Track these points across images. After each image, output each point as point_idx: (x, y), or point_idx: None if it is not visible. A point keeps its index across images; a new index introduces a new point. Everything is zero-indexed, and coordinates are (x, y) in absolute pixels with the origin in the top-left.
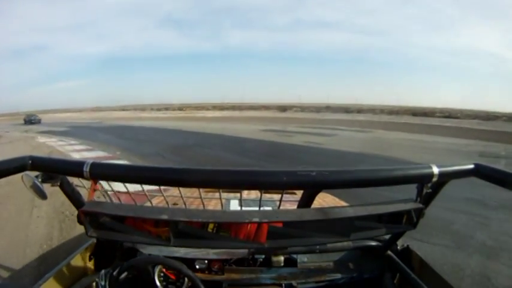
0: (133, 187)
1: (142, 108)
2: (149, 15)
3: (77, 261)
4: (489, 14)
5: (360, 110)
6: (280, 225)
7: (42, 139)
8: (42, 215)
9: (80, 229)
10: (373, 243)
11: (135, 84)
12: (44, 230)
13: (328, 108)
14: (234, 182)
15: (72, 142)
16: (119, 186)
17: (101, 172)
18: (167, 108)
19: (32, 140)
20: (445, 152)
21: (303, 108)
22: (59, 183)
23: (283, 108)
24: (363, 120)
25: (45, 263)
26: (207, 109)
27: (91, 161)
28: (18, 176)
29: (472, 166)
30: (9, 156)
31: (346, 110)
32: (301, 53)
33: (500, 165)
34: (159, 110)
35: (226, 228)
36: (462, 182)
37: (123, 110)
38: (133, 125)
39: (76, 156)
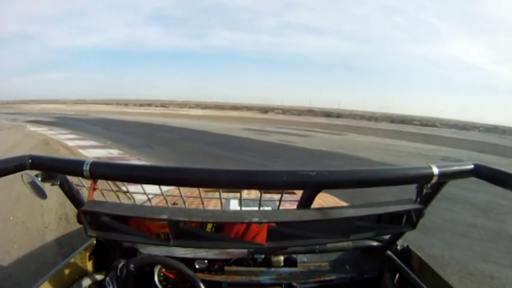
0: (134, 186)
1: (126, 103)
2: (137, 11)
3: (77, 261)
4: (472, 28)
5: (340, 114)
6: (280, 225)
7: (32, 128)
8: None
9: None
10: (373, 243)
11: (119, 79)
12: None
13: (310, 112)
14: (234, 181)
15: (63, 131)
16: (118, 185)
17: (100, 171)
18: (150, 104)
19: (23, 128)
20: (405, 155)
21: (284, 110)
22: (58, 183)
23: (264, 109)
24: (341, 124)
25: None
26: (190, 107)
27: (91, 160)
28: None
29: (471, 166)
30: (10, 140)
31: (327, 114)
32: (286, 56)
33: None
34: (141, 105)
35: (226, 228)
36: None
37: (107, 104)
38: (118, 118)
39: (70, 144)
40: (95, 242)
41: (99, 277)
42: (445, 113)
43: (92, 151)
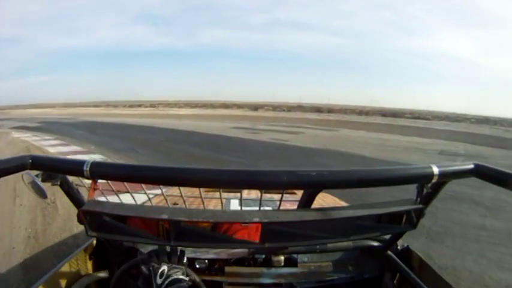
0: (134, 186)
1: (115, 104)
2: (125, 11)
3: (77, 260)
4: (460, 22)
5: (331, 110)
6: (281, 225)
7: (16, 134)
8: None
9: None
10: (373, 243)
11: (109, 80)
12: None
13: (300, 108)
14: (234, 181)
15: (47, 137)
16: (119, 185)
17: (101, 171)
18: (140, 105)
19: (7, 135)
20: (401, 150)
21: (274, 107)
22: (59, 183)
23: (255, 107)
24: (332, 119)
25: (45, 263)
26: (180, 107)
27: (91, 161)
28: None
29: (472, 166)
30: None
31: (317, 109)
32: (275, 53)
33: (460, 161)
34: (131, 106)
35: (226, 228)
36: None
37: (96, 106)
38: (106, 121)
39: (52, 151)
40: (95, 242)
41: (99, 277)
42: (435, 105)
43: (73, 158)
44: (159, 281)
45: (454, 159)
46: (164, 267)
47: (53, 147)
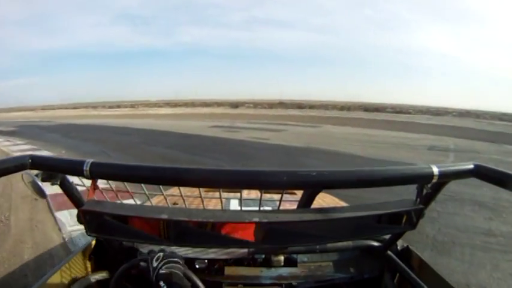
0: (134, 186)
1: (94, 106)
2: (103, 11)
3: (77, 260)
4: (440, 17)
5: (312, 106)
6: (280, 225)
7: None
8: None
9: None
10: (373, 243)
11: (89, 81)
12: None
13: (281, 104)
14: (234, 181)
15: (18, 142)
16: (119, 185)
17: (101, 171)
18: (119, 105)
19: None
20: (389, 146)
21: (255, 104)
22: (59, 182)
23: (235, 104)
24: (315, 115)
25: (45, 263)
26: (160, 106)
27: (91, 160)
28: None
29: (471, 167)
30: None
31: (299, 106)
32: (255, 50)
33: (451, 159)
34: (111, 107)
35: (226, 228)
36: None
37: (75, 108)
38: (82, 123)
39: None
40: (95, 242)
41: (99, 277)
42: (415, 99)
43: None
44: (158, 281)
45: (447, 155)
46: (163, 268)
47: (23, 153)
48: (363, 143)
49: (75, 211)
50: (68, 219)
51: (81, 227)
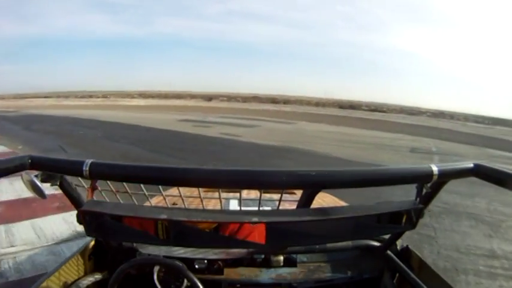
0: (133, 186)
1: (66, 95)
2: None
3: (76, 261)
4: (414, 18)
5: (286, 101)
6: (280, 225)
7: None
8: None
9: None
10: (373, 243)
11: (63, 70)
12: None
13: (256, 98)
14: (234, 181)
15: None
16: (118, 185)
17: (100, 171)
18: (91, 95)
19: None
20: (369, 147)
21: (229, 97)
22: (58, 183)
23: (209, 97)
24: (289, 111)
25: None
26: (133, 97)
27: (91, 161)
28: None
29: (471, 166)
30: None
31: (273, 100)
32: (232, 43)
33: (436, 163)
34: (83, 97)
35: (225, 228)
36: None
37: (47, 97)
38: (49, 114)
39: None
40: (94, 242)
41: (98, 277)
42: (390, 98)
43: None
44: (157, 281)
45: (431, 159)
46: (163, 268)
47: None
48: (341, 143)
49: (11, 227)
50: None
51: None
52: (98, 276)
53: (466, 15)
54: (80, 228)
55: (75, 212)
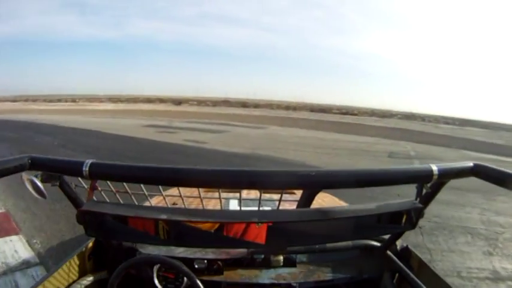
0: (133, 186)
1: (35, 99)
2: None
3: (76, 260)
4: (385, 22)
5: (257, 104)
6: (280, 225)
7: None
8: None
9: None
10: (373, 243)
11: (30, 72)
12: None
13: (226, 103)
14: (234, 181)
15: None
16: (118, 185)
17: (100, 172)
18: (59, 99)
19: None
20: (345, 153)
21: (199, 101)
22: (58, 183)
23: (178, 101)
24: (259, 115)
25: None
26: (101, 101)
27: (90, 161)
28: None
29: (471, 166)
30: None
31: (243, 104)
32: (204, 46)
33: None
34: (51, 101)
35: (225, 228)
36: None
37: (14, 101)
38: (11, 119)
39: None
40: (94, 242)
41: (98, 277)
42: (360, 101)
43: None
44: (157, 281)
45: (410, 163)
46: (162, 267)
47: None
48: (315, 149)
49: None
50: None
51: None
52: (97, 276)
53: (435, 21)
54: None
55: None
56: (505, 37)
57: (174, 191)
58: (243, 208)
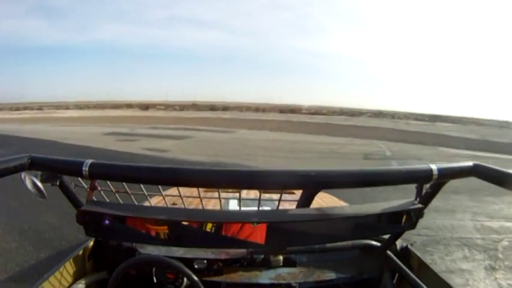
0: (133, 187)
1: (1, 108)
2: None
3: (76, 261)
4: (352, 22)
5: (226, 107)
6: (279, 225)
7: None
8: None
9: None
10: (373, 243)
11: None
12: None
13: (195, 106)
14: (233, 181)
15: None
16: (118, 185)
17: (100, 172)
18: (26, 107)
19: None
20: (320, 156)
21: (167, 106)
22: (58, 183)
23: (146, 106)
24: (228, 118)
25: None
26: (69, 108)
27: (90, 161)
28: None
29: (471, 166)
30: None
31: (212, 107)
32: (172, 50)
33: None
34: (17, 109)
35: (225, 228)
36: None
37: None
38: None
39: None
40: (94, 242)
41: (98, 277)
42: (329, 101)
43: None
44: (157, 281)
45: (388, 164)
46: (162, 267)
47: None
48: (286, 153)
49: None
50: None
51: None
52: (97, 276)
53: (400, 20)
54: None
55: None
56: (466, 33)
57: (173, 191)
58: (242, 208)
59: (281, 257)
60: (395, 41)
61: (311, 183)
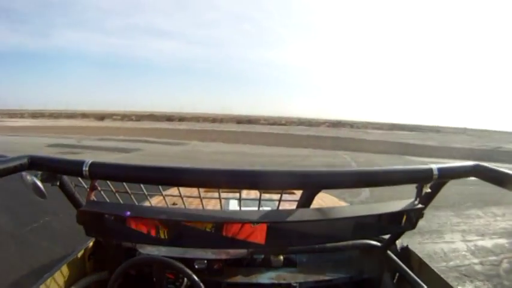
0: (133, 186)
1: None
2: None
3: (76, 261)
4: (311, 35)
5: (182, 118)
6: (280, 225)
7: None
8: None
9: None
10: (373, 243)
11: None
12: None
13: (151, 117)
14: (233, 182)
15: None
16: (118, 185)
17: (100, 172)
18: None
19: None
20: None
21: (123, 116)
22: (58, 183)
23: (101, 116)
24: (183, 129)
25: (44, 263)
26: (23, 116)
27: (90, 161)
28: None
29: (471, 166)
30: None
31: (168, 118)
32: (131, 59)
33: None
34: None
35: (225, 228)
36: None
37: None
38: None
39: None
40: (94, 242)
41: (98, 277)
42: (286, 111)
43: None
44: (157, 281)
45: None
46: (162, 267)
47: None
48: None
49: None
50: None
51: None
52: (98, 277)
53: (358, 32)
54: None
55: None
56: (419, 42)
57: (173, 191)
58: (242, 208)
59: (281, 257)
60: (351, 54)
61: (311, 184)
